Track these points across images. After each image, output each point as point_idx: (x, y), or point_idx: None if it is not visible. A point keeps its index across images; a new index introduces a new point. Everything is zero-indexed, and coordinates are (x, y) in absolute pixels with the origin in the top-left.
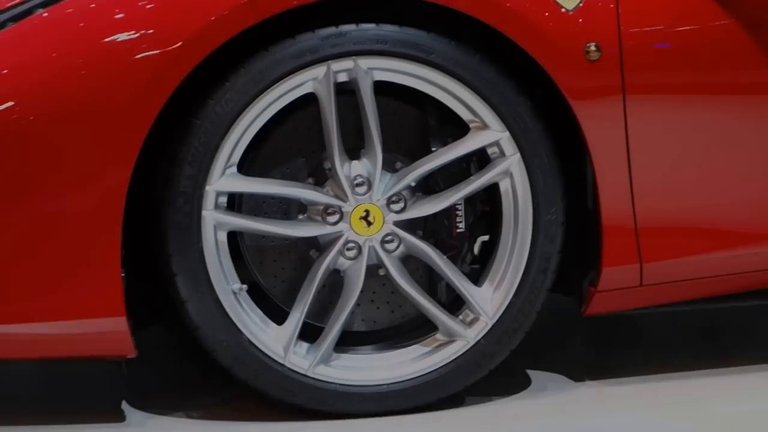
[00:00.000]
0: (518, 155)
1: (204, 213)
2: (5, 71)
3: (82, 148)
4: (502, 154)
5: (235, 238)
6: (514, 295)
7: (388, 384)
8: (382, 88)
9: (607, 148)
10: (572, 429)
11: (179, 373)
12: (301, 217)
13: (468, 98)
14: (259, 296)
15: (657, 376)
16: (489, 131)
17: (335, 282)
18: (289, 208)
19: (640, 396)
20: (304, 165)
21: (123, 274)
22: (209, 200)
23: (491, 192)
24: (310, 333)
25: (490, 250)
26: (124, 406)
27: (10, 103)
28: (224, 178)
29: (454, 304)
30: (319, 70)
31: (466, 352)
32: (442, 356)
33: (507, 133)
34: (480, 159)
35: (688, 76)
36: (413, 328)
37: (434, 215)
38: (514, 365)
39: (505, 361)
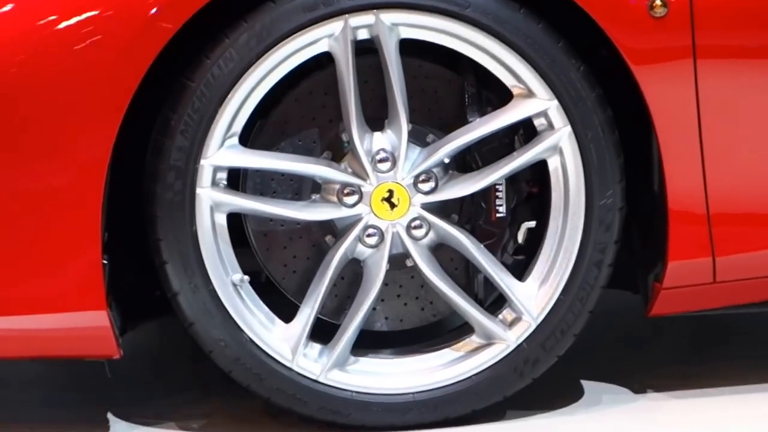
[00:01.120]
0: (569, 128)
1: (198, 191)
2: None
3: (56, 112)
4: (551, 126)
5: (239, 221)
6: (563, 292)
7: (413, 393)
8: (412, 48)
9: (675, 119)
10: None
11: (173, 376)
12: (314, 197)
13: (511, 61)
14: (267, 289)
15: (734, 388)
16: (535, 100)
17: (357, 273)
18: (301, 187)
19: (708, 412)
20: (318, 137)
21: (105, 261)
22: (205, 176)
23: (539, 171)
24: (325, 332)
25: (537, 239)
26: (109, 415)
27: None
28: (223, 150)
29: (497, 302)
30: (335, 26)
31: (505, 357)
32: (477, 362)
33: (556, 102)
34: (526, 132)
35: None
36: (447, 330)
37: (471, 197)
38: (565, 374)
39: (553, 369)
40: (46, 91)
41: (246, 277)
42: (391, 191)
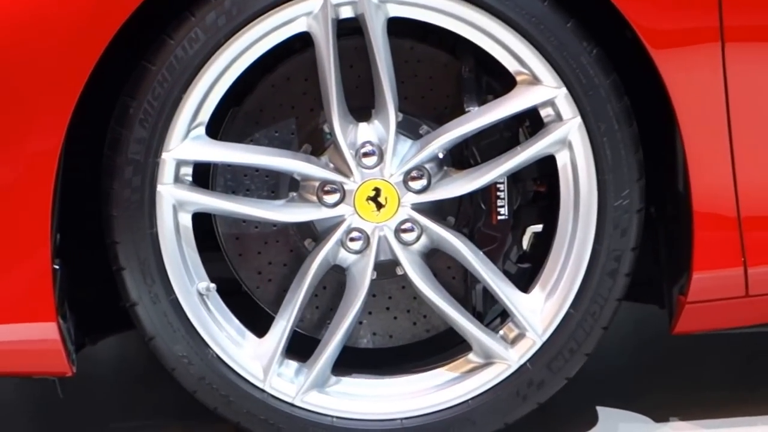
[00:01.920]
0: (579, 119)
1: (159, 188)
2: None
3: None
4: (558, 117)
5: (210, 223)
6: (572, 306)
7: (402, 418)
8: (406, 28)
9: (700, 110)
10: None
11: (135, 396)
12: (292, 195)
13: (513, 43)
14: (242, 300)
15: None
16: (541, 87)
17: (342, 283)
18: (278, 185)
19: None
20: (297, 127)
21: (57, 267)
22: (167, 171)
23: (548, 167)
24: (306, 349)
25: (545, 246)
26: None
27: None
28: (187, 142)
29: (501, 317)
30: (313, 3)
31: (506, 379)
32: (474, 384)
33: (564, 90)
34: (533, 124)
35: None
36: (444, 348)
37: (469, 198)
38: (579, 399)
39: (565, 393)
40: None
41: (212, 286)
42: (377, 189)
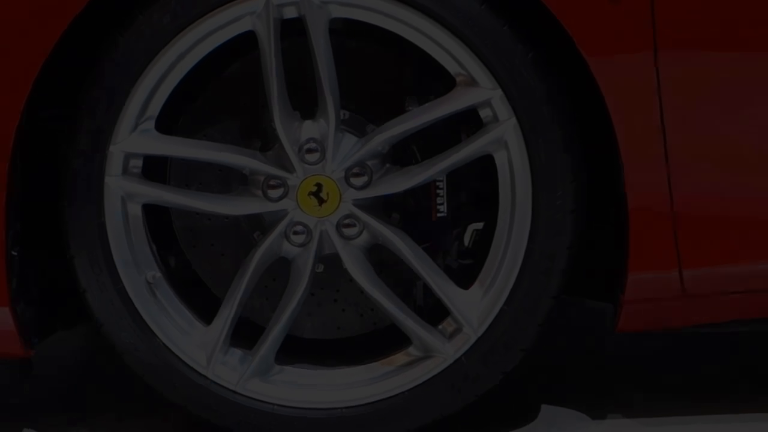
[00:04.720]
0: (514, 120)
1: (107, 180)
2: None
3: None
4: (495, 118)
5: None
6: (506, 302)
7: (341, 408)
8: (356, 26)
9: (633, 113)
10: None
11: (97, 383)
12: (240, 189)
13: (451, 45)
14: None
15: (707, 417)
16: (477, 88)
17: None
18: (230, 178)
19: None
20: (250, 123)
21: (14, 253)
22: (115, 163)
23: (492, 167)
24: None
25: (487, 243)
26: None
27: None
28: (136, 135)
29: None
30: (257, 2)
31: (441, 372)
32: (410, 376)
33: (499, 92)
34: (477, 124)
35: (748, 28)
36: (390, 340)
37: (413, 194)
38: (516, 394)
39: (502, 389)
40: None
41: (158, 275)
42: (319, 185)
